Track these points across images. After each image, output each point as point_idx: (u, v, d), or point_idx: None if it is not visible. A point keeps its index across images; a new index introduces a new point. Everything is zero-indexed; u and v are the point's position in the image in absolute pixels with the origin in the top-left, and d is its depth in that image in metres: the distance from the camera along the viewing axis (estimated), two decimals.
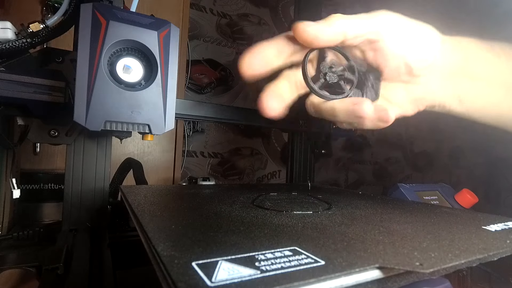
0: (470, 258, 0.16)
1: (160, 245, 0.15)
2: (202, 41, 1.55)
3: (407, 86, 0.28)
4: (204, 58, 1.55)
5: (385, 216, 0.26)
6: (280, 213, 0.25)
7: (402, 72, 0.27)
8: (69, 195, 0.38)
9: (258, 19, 1.70)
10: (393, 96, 0.28)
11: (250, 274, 0.12)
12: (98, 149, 0.40)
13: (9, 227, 0.46)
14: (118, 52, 0.30)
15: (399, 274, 0.15)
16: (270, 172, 1.72)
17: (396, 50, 0.25)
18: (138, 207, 0.24)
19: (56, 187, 0.64)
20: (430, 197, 0.51)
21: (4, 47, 0.32)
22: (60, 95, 0.34)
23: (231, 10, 1.64)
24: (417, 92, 0.28)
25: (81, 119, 0.28)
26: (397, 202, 0.34)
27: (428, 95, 0.28)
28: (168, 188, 0.40)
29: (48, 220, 0.61)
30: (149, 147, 1.04)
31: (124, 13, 0.29)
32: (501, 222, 0.24)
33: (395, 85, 0.28)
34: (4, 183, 0.44)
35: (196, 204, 0.28)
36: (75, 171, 0.39)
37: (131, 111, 0.30)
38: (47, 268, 0.27)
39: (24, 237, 0.37)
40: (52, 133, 0.37)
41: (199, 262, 0.13)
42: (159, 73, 0.31)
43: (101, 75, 0.28)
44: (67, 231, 0.37)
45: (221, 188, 0.41)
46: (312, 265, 0.13)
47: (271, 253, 0.15)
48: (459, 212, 0.29)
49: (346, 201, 0.32)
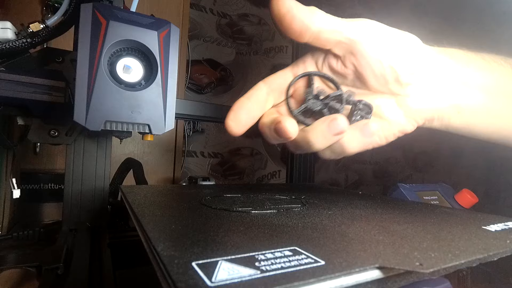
0: (470, 258, 0.16)
1: (160, 245, 0.15)
2: (202, 41, 1.55)
3: (399, 98, 0.26)
4: (204, 58, 1.55)
5: (385, 216, 0.26)
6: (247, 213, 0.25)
7: (389, 79, 0.25)
8: (69, 195, 0.38)
9: (258, 19, 1.70)
10: (386, 112, 0.27)
11: (250, 274, 0.12)
12: (98, 149, 0.40)
13: (9, 227, 0.46)
14: (118, 52, 0.30)
15: (399, 274, 0.15)
16: (270, 172, 1.72)
17: (378, 54, 0.24)
18: (138, 207, 0.24)
19: (56, 187, 0.64)
20: (430, 197, 0.51)
21: (4, 47, 0.32)
22: (60, 95, 0.34)
23: (231, 10, 1.64)
24: (411, 105, 0.26)
25: (81, 119, 0.28)
26: (397, 202, 0.34)
27: (424, 106, 0.27)
28: (168, 188, 0.40)
29: (48, 220, 0.61)
30: (149, 147, 1.04)
31: (124, 13, 0.29)
32: (501, 222, 0.24)
33: (386, 99, 0.27)
34: (4, 183, 0.44)
35: (196, 204, 0.28)
36: (75, 171, 0.39)
37: (131, 111, 0.30)
38: (47, 268, 0.27)
39: (24, 237, 0.37)
40: (52, 133, 0.37)
41: (199, 262, 0.13)
42: (159, 73, 0.31)
43: (101, 75, 0.28)
44: (67, 231, 0.37)
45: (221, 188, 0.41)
46: (312, 265, 0.13)
47: (271, 253, 0.15)
48: (459, 212, 0.29)
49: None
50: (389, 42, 0.25)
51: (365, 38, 0.24)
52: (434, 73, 0.26)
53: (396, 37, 0.25)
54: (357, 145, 0.25)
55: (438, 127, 0.29)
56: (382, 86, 0.26)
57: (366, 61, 0.25)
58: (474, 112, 0.27)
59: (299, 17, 0.23)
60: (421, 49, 0.26)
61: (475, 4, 1.72)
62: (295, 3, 0.23)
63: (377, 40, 0.25)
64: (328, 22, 0.24)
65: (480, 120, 0.28)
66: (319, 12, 0.24)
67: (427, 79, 0.26)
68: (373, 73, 0.25)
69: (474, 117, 0.28)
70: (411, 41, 0.26)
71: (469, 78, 0.27)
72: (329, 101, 0.25)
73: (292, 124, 0.22)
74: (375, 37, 0.25)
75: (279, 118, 0.23)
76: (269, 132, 0.24)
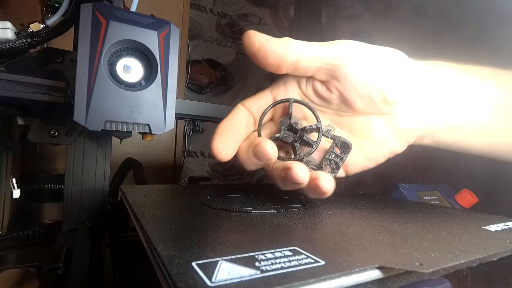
0: (470, 258, 0.16)
1: (160, 245, 0.15)
2: (202, 41, 1.55)
3: (387, 118, 0.26)
4: (204, 58, 1.55)
5: (385, 216, 0.26)
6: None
7: (376, 100, 0.24)
8: (69, 195, 0.38)
9: (258, 19, 1.70)
10: (375, 132, 0.26)
11: (250, 274, 0.12)
12: (98, 149, 0.40)
13: (9, 227, 0.46)
14: (118, 52, 0.30)
15: (399, 274, 0.15)
16: None
17: (362, 75, 0.24)
18: (138, 207, 0.24)
19: (56, 187, 0.64)
20: (430, 197, 0.51)
21: (4, 47, 0.32)
22: (60, 95, 0.34)
23: (231, 10, 1.64)
24: (400, 123, 0.26)
25: (81, 119, 0.28)
26: (397, 202, 0.34)
27: (413, 124, 0.26)
28: (168, 188, 0.40)
29: (48, 220, 0.61)
30: (149, 147, 1.04)
31: (124, 13, 0.29)
32: (501, 222, 0.24)
33: (374, 119, 0.26)
34: (4, 183, 0.44)
35: (196, 204, 0.28)
36: (75, 171, 0.39)
37: (131, 111, 0.30)
38: (47, 268, 0.27)
39: (24, 237, 0.37)
40: (52, 133, 0.37)
41: (199, 262, 0.13)
42: (159, 73, 0.31)
43: (101, 75, 0.28)
44: (67, 231, 0.37)
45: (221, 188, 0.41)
46: (312, 265, 0.13)
47: (271, 253, 0.15)
48: (459, 212, 0.29)
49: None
50: (373, 61, 0.24)
51: (346, 61, 0.23)
52: (422, 89, 0.25)
53: (379, 55, 0.24)
54: (313, 195, 0.23)
55: (428, 144, 0.28)
56: (370, 107, 0.25)
57: (351, 84, 0.24)
58: (465, 126, 0.26)
59: (273, 51, 0.22)
60: (407, 65, 0.25)
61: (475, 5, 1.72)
62: (266, 38, 0.22)
63: (359, 61, 0.24)
64: (305, 51, 0.23)
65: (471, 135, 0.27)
66: (293, 42, 0.23)
67: (415, 96, 0.25)
68: (359, 95, 0.24)
69: (465, 132, 0.27)
70: (396, 57, 0.25)
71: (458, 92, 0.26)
72: (303, 134, 0.24)
73: (271, 146, 0.21)
74: (357, 58, 0.24)
75: (257, 140, 0.22)
76: (247, 157, 0.23)
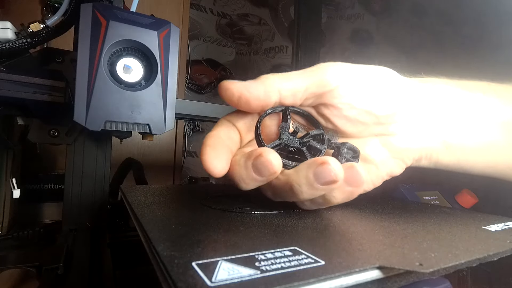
0: (470, 258, 0.16)
1: (160, 245, 0.15)
2: (202, 41, 1.55)
3: (383, 139, 0.25)
4: (204, 58, 1.55)
5: (385, 216, 0.26)
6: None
7: (368, 123, 0.23)
8: (69, 195, 0.38)
9: (258, 19, 1.71)
10: (372, 154, 0.25)
11: (250, 274, 0.12)
12: (98, 149, 0.40)
13: (9, 227, 0.46)
14: (118, 52, 0.30)
15: (399, 274, 0.15)
16: None
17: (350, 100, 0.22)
18: (138, 207, 0.24)
19: (56, 187, 0.64)
20: (430, 197, 0.51)
21: (4, 47, 0.32)
22: (60, 95, 0.34)
23: (231, 10, 1.64)
24: (397, 144, 0.25)
25: (81, 119, 0.28)
26: (397, 202, 0.34)
27: (410, 145, 0.25)
28: (168, 188, 0.40)
29: (48, 220, 0.61)
30: (149, 147, 1.04)
31: (124, 13, 0.29)
32: (501, 222, 0.24)
33: (370, 141, 0.25)
34: (4, 183, 0.44)
35: (196, 204, 0.28)
36: (75, 171, 0.39)
37: (131, 111, 0.30)
38: (47, 268, 0.27)
39: (24, 237, 0.37)
40: (52, 133, 0.37)
41: (199, 262, 0.13)
42: (159, 73, 0.31)
43: (101, 75, 0.28)
44: (67, 231, 0.37)
45: (221, 188, 0.41)
46: (312, 265, 0.13)
47: (271, 253, 0.15)
48: (459, 212, 0.29)
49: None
50: (360, 83, 0.23)
51: (332, 87, 0.22)
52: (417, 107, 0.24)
53: (368, 76, 0.23)
54: (341, 195, 0.21)
55: (427, 165, 0.27)
56: (363, 131, 0.24)
57: (339, 111, 0.23)
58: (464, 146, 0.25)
59: (254, 97, 0.21)
60: (399, 84, 0.24)
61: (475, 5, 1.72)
62: (243, 85, 0.21)
63: (346, 85, 0.22)
64: (286, 85, 0.21)
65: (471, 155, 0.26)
66: (272, 80, 0.21)
67: (410, 114, 0.24)
68: (349, 121, 0.23)
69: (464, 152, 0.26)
70: (386, 77, 0.24)
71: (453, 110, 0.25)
72: (308, 140, 0.22)
73: (275, 156, 0.18)
74: (344, 82, 0.22)
75: (258, 151, 0.19)
76: (245, 172, 0.20)
